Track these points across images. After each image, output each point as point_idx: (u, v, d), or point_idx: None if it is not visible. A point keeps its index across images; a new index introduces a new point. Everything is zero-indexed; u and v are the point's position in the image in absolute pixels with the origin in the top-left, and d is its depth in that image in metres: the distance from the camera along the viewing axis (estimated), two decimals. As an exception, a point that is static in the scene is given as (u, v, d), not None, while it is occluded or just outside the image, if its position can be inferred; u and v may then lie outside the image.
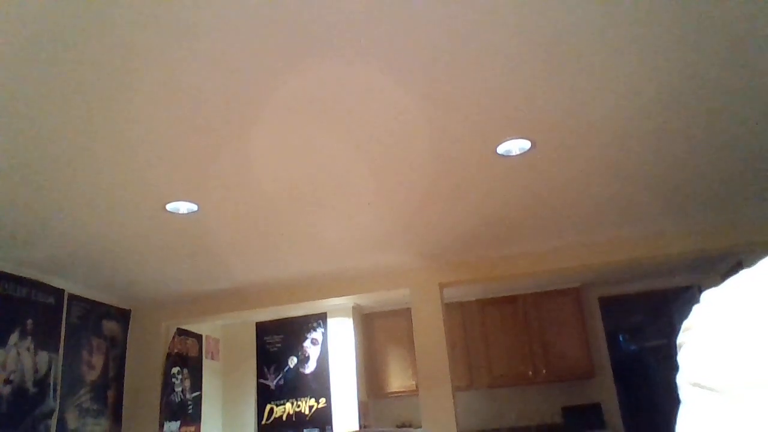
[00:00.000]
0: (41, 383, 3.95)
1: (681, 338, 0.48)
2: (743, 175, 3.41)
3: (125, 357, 4.95)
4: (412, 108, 2.40)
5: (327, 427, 5.54)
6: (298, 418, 5.66)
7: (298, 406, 5.69)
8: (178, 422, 5.18)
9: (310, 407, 5.65)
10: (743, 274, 0.46)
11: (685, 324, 0.48)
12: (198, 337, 5.74)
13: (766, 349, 0.40)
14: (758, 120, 2.74)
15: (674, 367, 0.48)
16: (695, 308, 0.48)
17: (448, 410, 4.46)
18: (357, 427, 5.43)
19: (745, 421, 0.39)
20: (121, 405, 4.84)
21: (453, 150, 2.80)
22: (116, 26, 1.78)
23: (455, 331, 5.91)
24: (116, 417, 4.75)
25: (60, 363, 4.16)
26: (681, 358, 0.47)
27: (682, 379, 0.46)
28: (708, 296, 0.47)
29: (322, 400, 5.63)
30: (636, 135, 2.80)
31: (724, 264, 5.48)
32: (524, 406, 5.97)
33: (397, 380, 5.92)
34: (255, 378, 5.93)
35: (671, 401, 0.48)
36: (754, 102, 2.57)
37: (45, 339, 4.03)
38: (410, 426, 5.91)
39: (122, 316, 4.98)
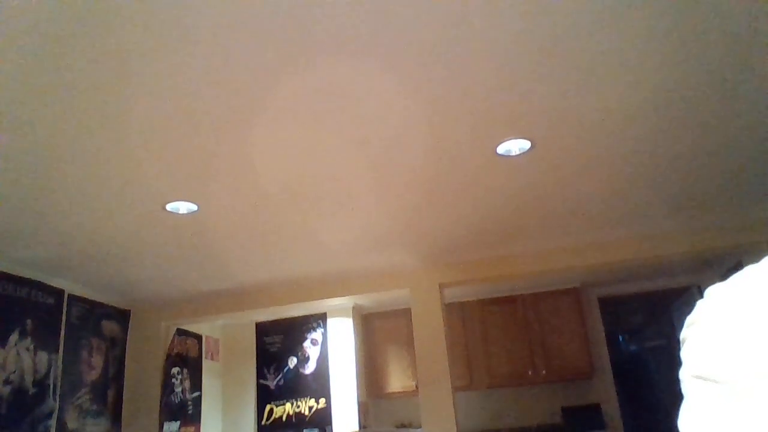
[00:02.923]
0: (41, 383, 3.95)
1: (684, 333, 0.48)
2: (743, 175, 3.41)
3: (125, 357, 4.95)
4: (412, 108, 2.40)
5: (327, 428, 5.54)
6: (298, 419, 5.66)
7: (298, 407, 5.69)
8: (178, 422, 5.18)
9: (310, 407, 5.65)
10: (747, 270, 0.46)
11: (689, 319, 0.48)
12: (198, 338, 5.74)
13: (766, 342, 0.40)
14: (759, 120, 2.75)
15: (675, 366, 0.48)
16: (699, 303, 0.48)
17: (447, 410, 4.46)
18: (357, 428, 5.43)
19: (747, 412, 0.39)
20: (121, 405, 4.83)
21: (453, 150, 2.81)
22: (116, 27, 1.79)
23: (455, 332, 5.91)
24: (116, 417, 4.75)
25: (60, 363, 4.16)
26: (684, 352, 0.47)
27: (684, 373, 0.46)
28: (712, 291, 0.47)
29: (322, 401, 5.63)
30: (636, 135, 2.80)
31: (724, 264, 5.48)
32: (524, 407, 5.97)
33: (397, 380, 5.92)
34: (255, 378, 5.93)
35: (671, 401, 0.47)
36: (755, 102, 2.57)
37: (45, 339, 4.03)
38: (410, 426, 5.91)
39: (122, 316, 4.98)
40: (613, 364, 5.97)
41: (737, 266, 5.19)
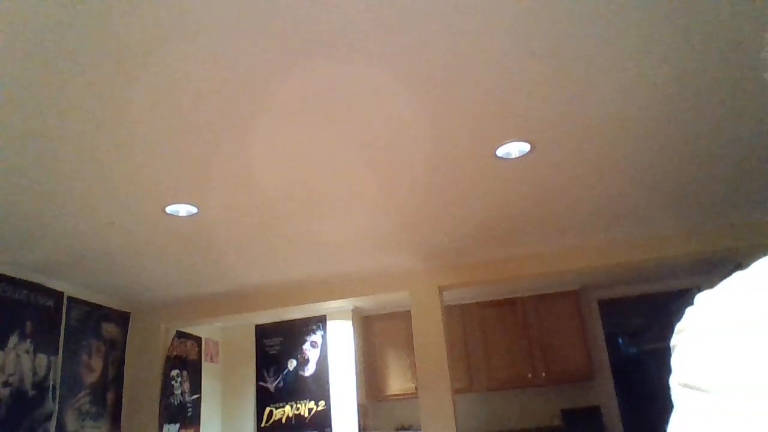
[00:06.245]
0: (40, 386, 3.95)
1: (674, 340, 0.48)
2: (743, 176, 3.42)
3: (124, 359, 4.94)
4: (412, 110, 2.41)
5: (326, 430, 5.53)
6: (298, 421, 5.65)
7: (298, 409, 5.69)
8: (178, 425, 5.17)
9: (310, 410, 5.65)
10: (736, 276, 0.46)
11: (678, 326, 0.48)
12: (197, 340, 5.73)
13: (756, 351, 0.40)
14: (759, 121, 2.75)
15: (671, 370, 0.48)
16: (688, 310, 0.48)
17: (447, 413, 4.46)
18: (356, 430, 5.42)
19: (733, 421, 0.39)
20: (121, 407, 4.83)
21: (452, 152, 2.81)
22: (115, 27, 1.79)
23: (455, 334, 5.90)
24: (115, 419, 4.74)
25: (59, 365, 4.16)
26: (673, 360, 0.47)
27: (673, 381, 0.46)
28: (701, 298, 0.47)
29: (322, 403, 5.62)
30: (635, 137, 2.80)
31: (724, 266, 5.48)
32: (523, 409, 5.96)
33: (397, 383, 5.92)
34: (254, 380, 5.93)
35: (670, 404, 0.47)
36: (755, 102, 2.57)
37: (44, 341, 4.02)
38: (410, 429, 5.90)
39: (121, 318, 4.98)
40: (613, 366, 5.97)
41: (737, 268, 5.17)
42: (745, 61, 2.24)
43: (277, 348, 5.94)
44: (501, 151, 2.83)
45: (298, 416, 5.66)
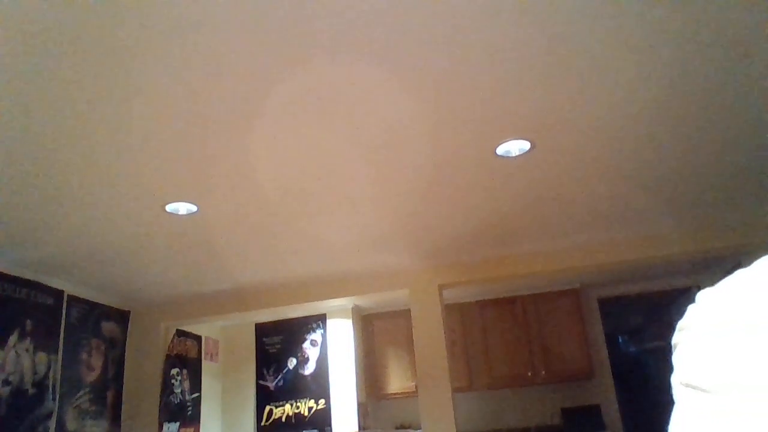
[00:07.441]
0: (40, 384, 3.95)
1: (675, 338, 0.48)
2: (743, 175, 3.41)
3: (124, 358, 4.95)
4: (412, 108, 2.40)
5: (326, 429, 5.53)
6: (298, 420, 5.66)
7: (298, 408, 5.69)
8: (177, 423, 5.18)
9: (310, 408, 5.65)
10: (738, 274, 0.46)
11: (680, 324, 0.48)
12: (197, 338, 5.73)
13: (757, 351, 0.40)
14: (759, 120, 2.74)
15: (672, 368, 0.48)
16: (690, 308, 0.48)
17: (447, 411, 4.46)
18: (356, 429, 5.43)
19: (733, 421, 0.39)
20: (120, 406, 4.83)
21: (452, 151, 2.81)
22: (115, 27, 1.79)
23: (454, 332, 5.91)
24: (115, 418, 4.74)
25: (59, 364, 4.16)
26: (675, 358, 0.47)
27: (675, 380, 0.46)
28: (703, 296, 0.47)
29: (322, 402, 5.63)
30: (635, 135, 2.80)
31: (724, 265, 5.48)
32: (523, 408, 5.96)
33: (397, 381, 5.92)
34: (254, 379, 5.93)
35: (671, 402, 0.47)
36: (754, 102, 2.57)
37: (44, 340, 4.02)
38: (409, 427, 5.90)
39: (121, 317, 4.98)
40: (613, 365, 5.97)
41: (737, 267, 5.17)
42: (746, 61, 2.23)
43: (277, 346, 5.94)
44: (501, 150, 2.82)
45: (298, 415, 5.67)
